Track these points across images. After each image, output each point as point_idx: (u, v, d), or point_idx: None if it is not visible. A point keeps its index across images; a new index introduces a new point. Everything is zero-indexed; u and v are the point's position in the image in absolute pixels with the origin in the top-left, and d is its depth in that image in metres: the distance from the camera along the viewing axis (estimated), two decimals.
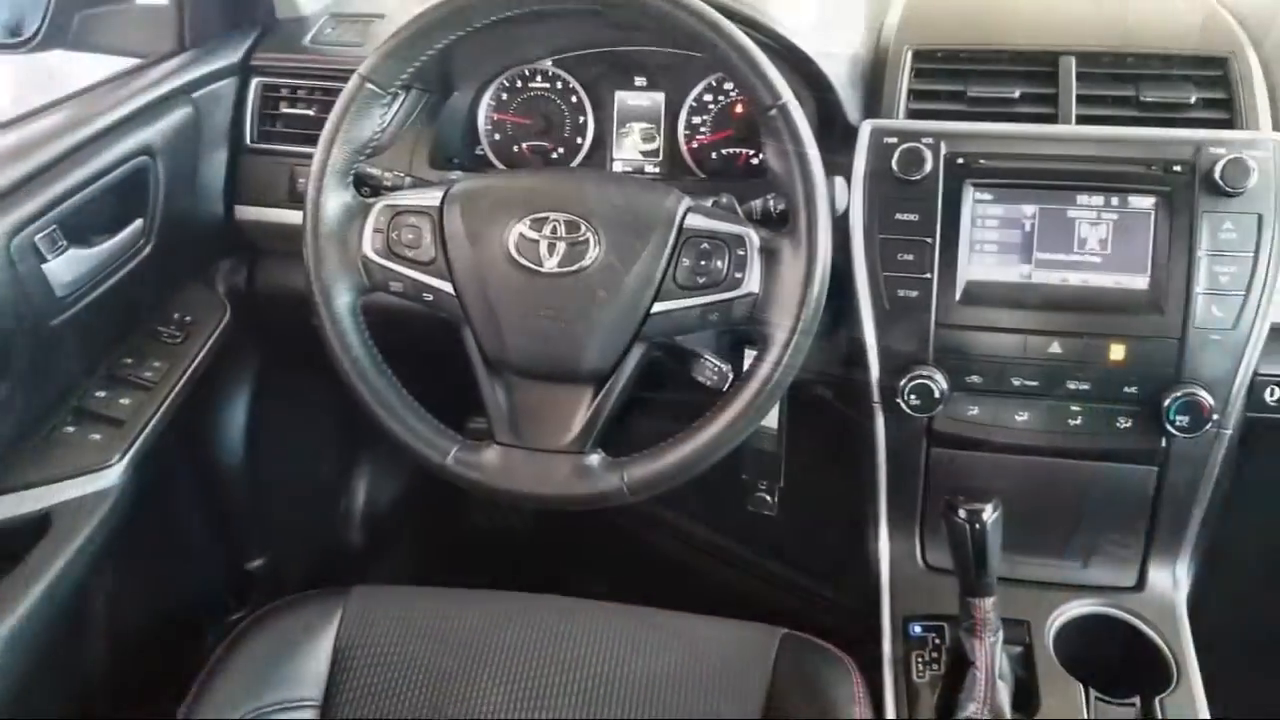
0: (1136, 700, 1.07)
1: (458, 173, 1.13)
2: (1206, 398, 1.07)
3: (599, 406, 1.00)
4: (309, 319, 1.04)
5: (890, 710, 1.08)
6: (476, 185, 1.05)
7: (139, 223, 1.24)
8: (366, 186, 1.10)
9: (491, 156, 1.39)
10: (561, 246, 0.99)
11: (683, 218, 0.99)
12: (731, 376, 1.02)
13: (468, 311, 1.01)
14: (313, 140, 1.04)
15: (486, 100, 1.39)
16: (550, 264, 0.99)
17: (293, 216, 1.24)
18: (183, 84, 1.30)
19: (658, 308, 0.98)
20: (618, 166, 1.36)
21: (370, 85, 1.02)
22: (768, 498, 1.34)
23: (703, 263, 0.98)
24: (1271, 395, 1.16)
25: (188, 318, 1.35)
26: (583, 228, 0.99)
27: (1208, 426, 1.08)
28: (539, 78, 1.37)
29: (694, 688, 1.05)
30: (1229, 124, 1.13)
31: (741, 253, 0.97)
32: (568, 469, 1.00)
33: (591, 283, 0.98)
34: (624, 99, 1.36)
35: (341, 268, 1.03)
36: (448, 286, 1.01)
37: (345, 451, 1.88)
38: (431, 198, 1.03)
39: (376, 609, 1.14)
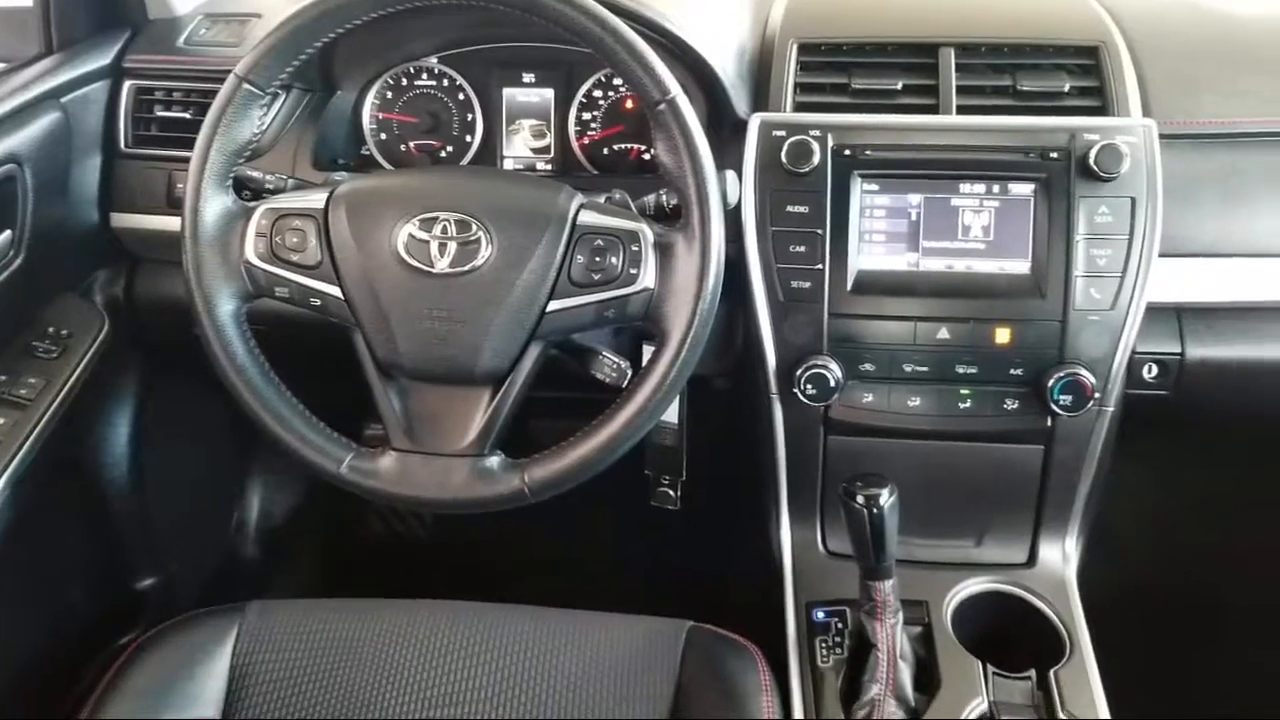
0: (1032, 673, 1.10)
1: (343, 174, 1.10)
2: (1088, 377, 1.11)
3: (497, 408, 0.99)
4: (191, 328, 1.01)
5: (796, 696, 1.09)
6: (362, 185, 1.03)
7: (7, 234, 1.18)
8: (247, 190, 1.07)
9: (378, 156, 1.37)
10: (452, 247, 0.97)
11: (575, 214, 0.99)
12: (630, 373, 1.02)
13: (357, 315, 0.99)
14: (190, 144, 1.00)
15: (371, 99, 1.36)
16: (441, 265, 0.97)
17: (171, 223, 1.20)
18: (50, 88, 1.24)
19: (553, 306, 0.97)
20: (509, 164, 1.35)
21: (248, 85, 0.99)
22: (670, 492, 1.35)
23: (597, 259, 0.97)
24: (1149, 372, 1.21)
25: (64, 331, 1.30)
26: (474, 227, 0.97)
27: (1090, 405, 1.12)
28: (424, 75, 1.35)
29: (603, 685, 1.05)
30: (1101, 111, 1.17)
31: (636, 248, 0.97)
32: (466, 472, 0.98)
33: (484, 283, 0.97)
34: (513, 96, 1.34)
35: (223, 274, 1.00)
36: (335, 290, 0.99)
37: (237, 463, 1.83)
38: (315, 199, 1.01)
39: (275, 624, 1.11)
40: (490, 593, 1.19)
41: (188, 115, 1.30)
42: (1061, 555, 1.24)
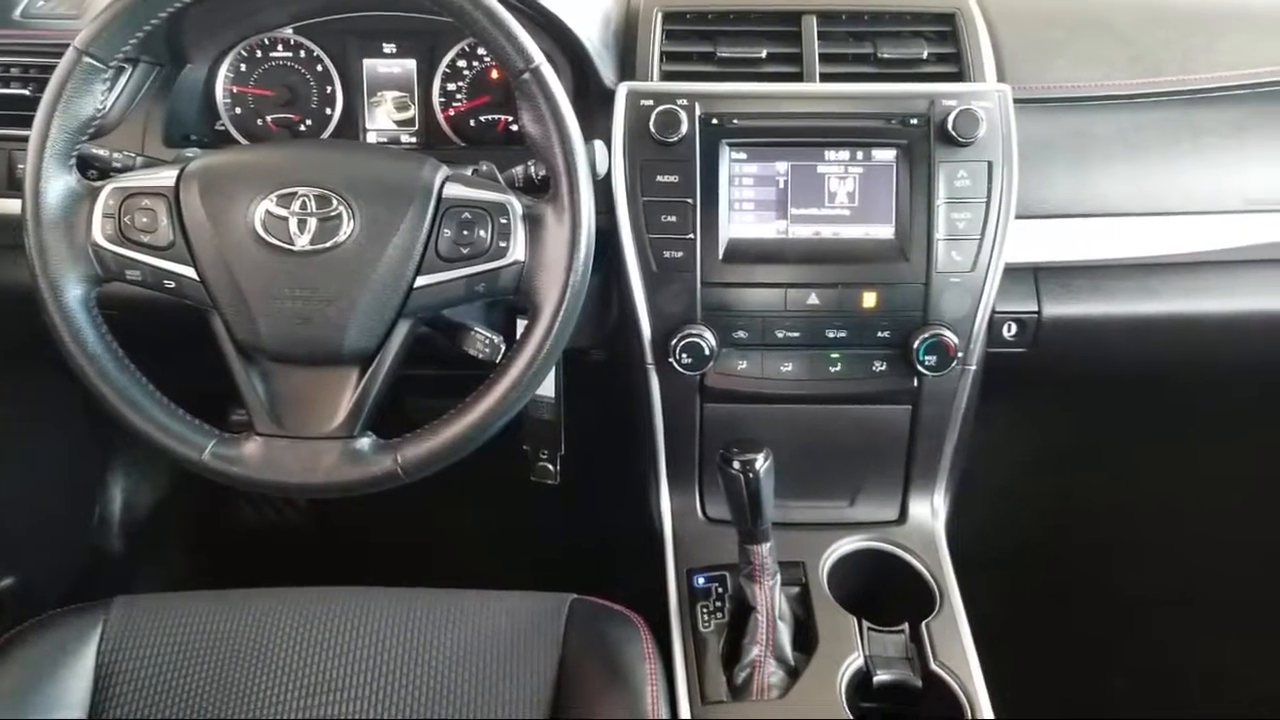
0: (905, 627, 1.14)
1: (195, 150, 1.06)
2: (951, 337, 1.14)
3: (365, 388, 0.97)
4: (39, 316, 0.95)
5: (679, 662, 1.11)
6: (216, 161, 0.98)
7: None
8: (93, 169, 1.02)
9: (233, 131, 1.31)
10: (313, 223, 0.94)
11: (441, 187, 0.97)
12: (504, 347, 1.01)
13: (214, 297, 0.95)
14: (29, 122, 0.95)
15: (224, 72, 1.30)
16: (302, 242, 0.94)
17: (12, 206, 1.13)
18: None
19: (421, 281, 0.95)
20: (371, 138, 1.31)
21: (88, 59, 0.93)
22: (550, 466, 1.34)
23: (465, 233, 0.95)
24: (1009, 331, 1.26)
25: None
26: (334, 202, 0.94)
27: (953, 364, 1.15)
28: (280, 47, 1.30)
29: (485, 663, 1.04)
30: (958, 77, 1.19)
31: (505, 221, 0.96)
32: (336, 455, 0.96)
33: (347, 259, 0.94)
34: (373, 67, 1.30)
35: (70, 258, 0.95)
36: (190, 271, 0.95)
37: (96, 455, 1.75)
38: (166, 177, 0.96)
39: (142, 620, 1.07)
40: (370, 577, 1.16)
41: (26, 92, 1.23)
42: (930, 511, 1.28)
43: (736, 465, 1.03)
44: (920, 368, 1.15)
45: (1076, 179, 1.21)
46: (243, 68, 1.30)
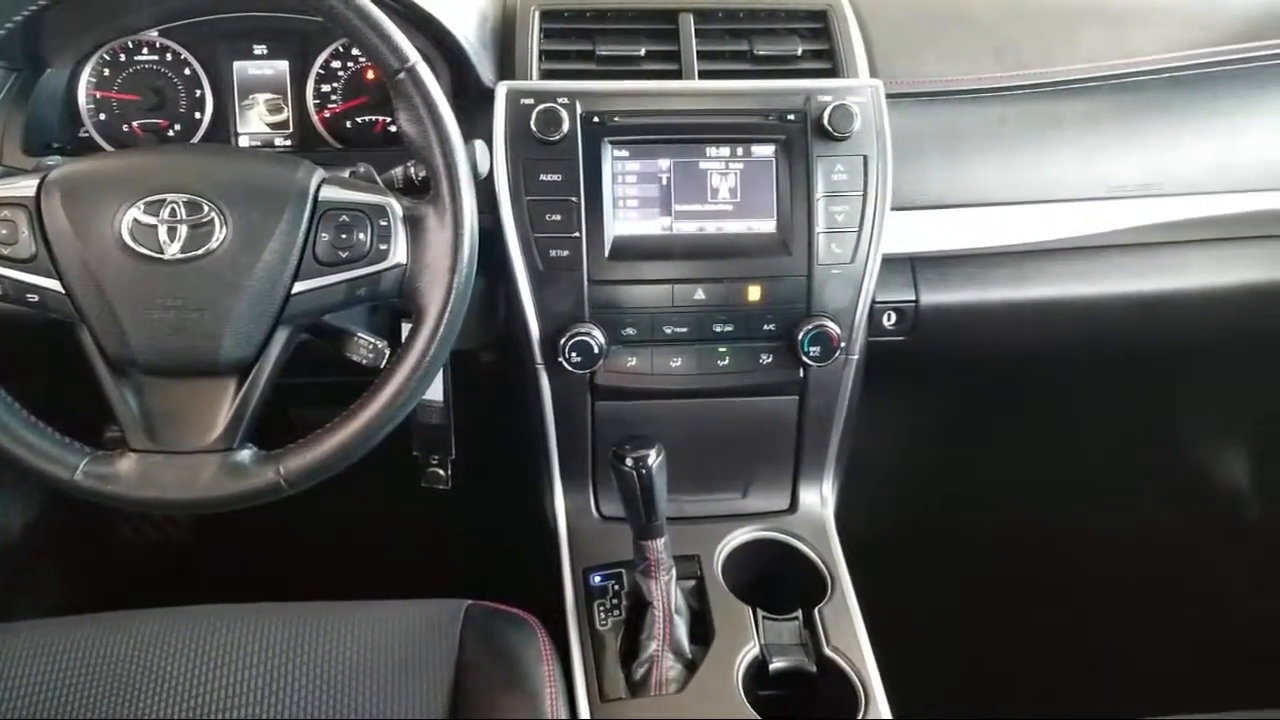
0: (799, 613, 1.16)
1: (57, 158, 1.01)
2: (834, 328, 1.16)
3: (244, 398, 0.94)
4: None
5: (577, 662, 1.10)
6: (79, 169, 0.94)
7: None
8: None
9: (97, 138, 1.26)
10: (183, 230, 0.91)
11: (317, 190, 0.94)
12: (388, 352, 0.99)
13: (81, 310, 0.91)
14: None
15: (86, 76, 1.25)
16: (172, 250, 0.91)
17: None
18: None
19: (299, 287, 0.93)
20: (244, 142, 1.27)
21: None
22: (441, 471, 1.32)
23: (343, 236, 0.93)
24: (889, 320, 1.29)
25: None
26: (206, 208, 0.91)
27: (837, 354, 1.18)
28: (145, 49, 1.25)
29: (380, 674, 1.02)
30: (832, 73, 1.22)
31: (384, 223, 0.94)
32: (215, 469, 0.93)
33: (221, 267, 0.91)
34: (244, 69, 1.27)
35: None
36: (55, 284, 0.91)
37: None
38: (25, 187, 0.92)
39: (15, 648, 1.02)
40: (260, 593, 1.13)
41: None
42: (820, 499, 1.30)
43: (629, 462, 1.03)
44: (805, 358, 1.17)
45: (948, 170, 1.25)
46: (106, 72, 1.25)
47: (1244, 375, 1.77)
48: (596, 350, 1.14)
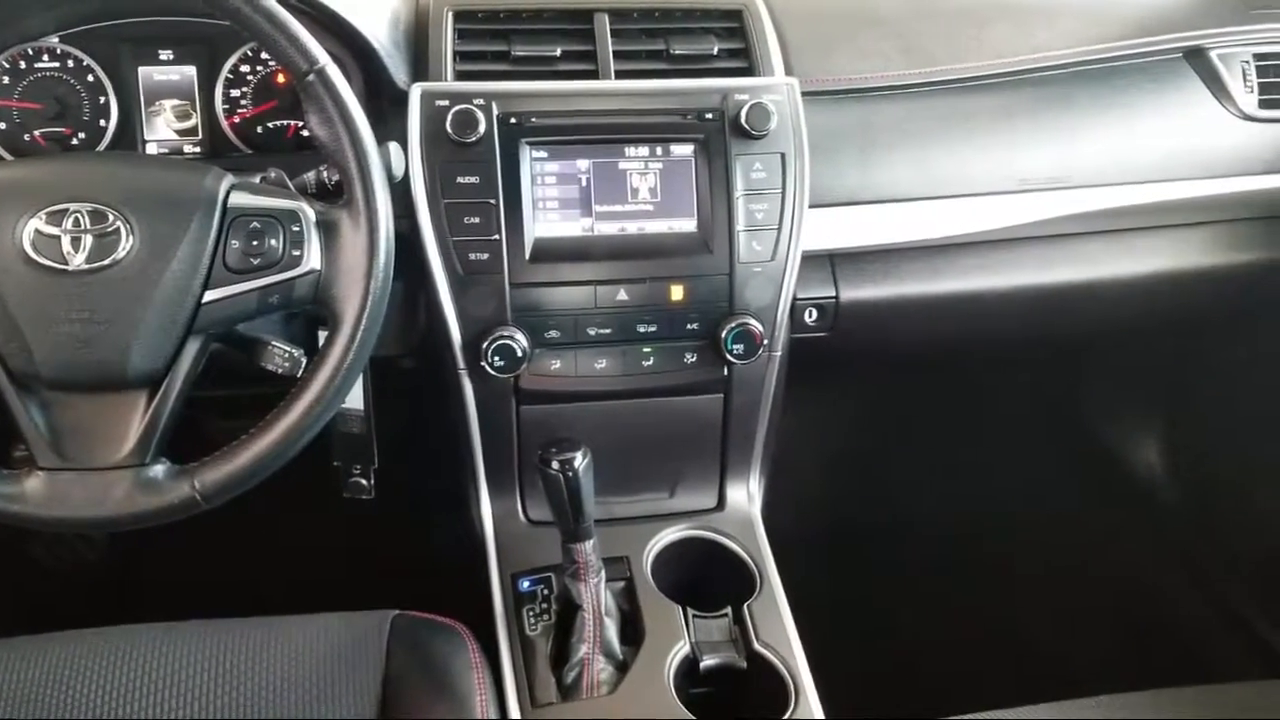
0: (728, 610, 1.16)
1: None
2: (757, 325, 1.17)
3: (156, 412, 0.91)
4: None
5: (507, 668, 1.09)
6: None
7: None
8: None
9: None
10: (88, 240, 0.88)
11: (226, 196, 0.92)
12: (305, 361, 0.97)
13: None
14: None
15: None
16: (77, 261, 0.88)
17: None
18: None
19: (210, 296, 0.90)
20: (151, 149, 1.24)
21: None
22: (363, 481, 1.30)
23: (255, 243, 0.91)
24: (810, 317, 1.30)
25: None
26: (111, 217, 0.89)
27: (760, 352, 1.18)
28: (46, 56, 1.21)
29: (305, 689, 1.00)
30: (749, 72, 1.22)
31: (297, 229, 0.92)
32: (128, 485, 0.90)
33: (128, 277, 0.88)
34: (149, 75, 1.23)
35: None
36: None
37: None
38: None
39: None
40: (180, 611, 1.10)
41: None
42: (747, 496, 1.31)
43: (555, 465, 1.03)
44: (729, 356, 1.18)
45: (863, 167, 1.26)
46: (5, 80, 1.21)
47: (1152, 361, 1.83)
48: (520, 354, 1.13)
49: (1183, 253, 1.41)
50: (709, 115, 1.16)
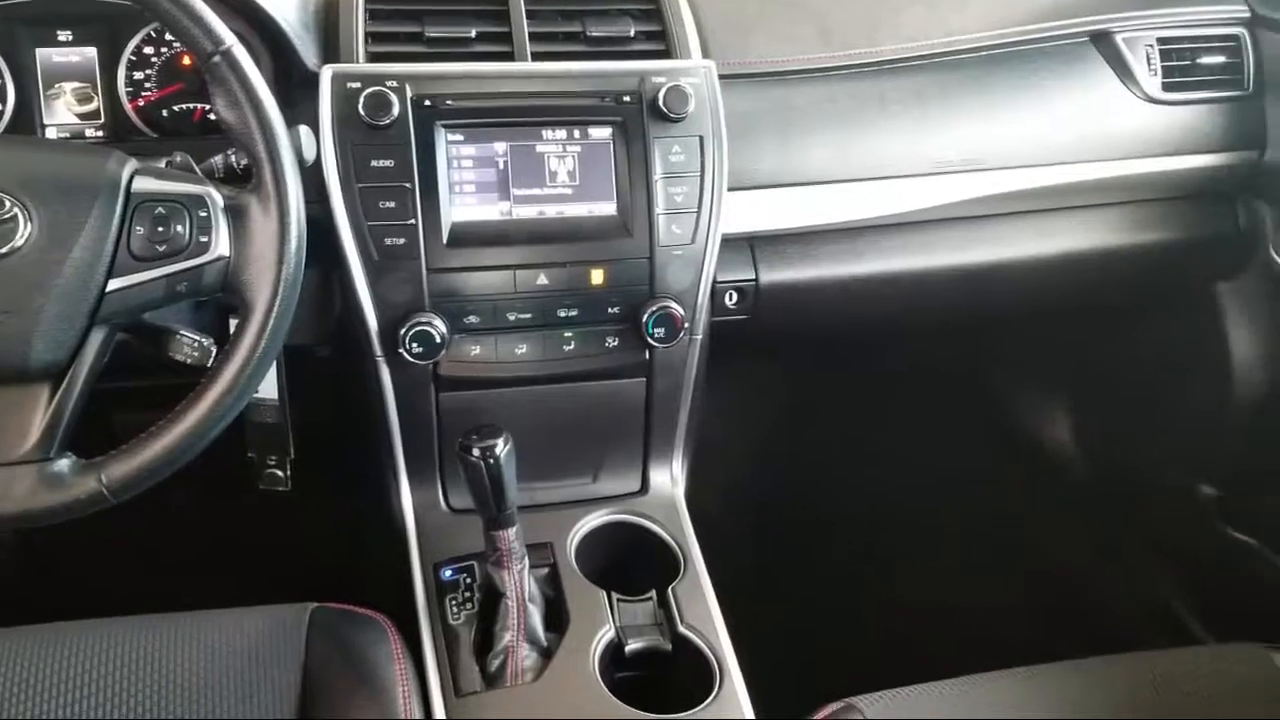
0: (653, 593, 1.16)
1: None
2: (678, 309, 1.17)
3: (60, 405, 0.88)
4: None
5: (430, 658, 1.08)
6: None
7: None
8: None
9: None
10: None
11: (129, 181, 0.89)
12: (215, 350, 0.95)
13: None
14: None
15: None
16: None
17: None
18: None
19: (114, 285, 0.87)
20: (51, 133, 1.19)
21: None
22: (279, 472, 1.27)
23: (160, 229, 0.88)
24: (731, 300, 1.30)
25: None
26: (7, 204, 0.85)
27: (682, 335, 1.18)
28: None
29: (222, 685, 0.98)
30: (666, 54, 1.22)
31: (204, 214, 0.89)
32: (31, 480, 0.87)
33: (27, 266, 0.85)
34: (48, 57, 1.18)
35: None
36: None
37: None
38: None
39: None
40: (92, 610, 1.07)
41: None
42: (670, 479, 1.31)
43: (476, 452, 1.01)
44: (650, 340, 1.17)
45: (782, 150, 1.26)
46: None
47: (1063, 340, 1.87)
48: (438, 340, 1.11)
49: (1091, 233, 1.44)
50: (626, 98, 1.16)
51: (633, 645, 1.11)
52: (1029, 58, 1.37)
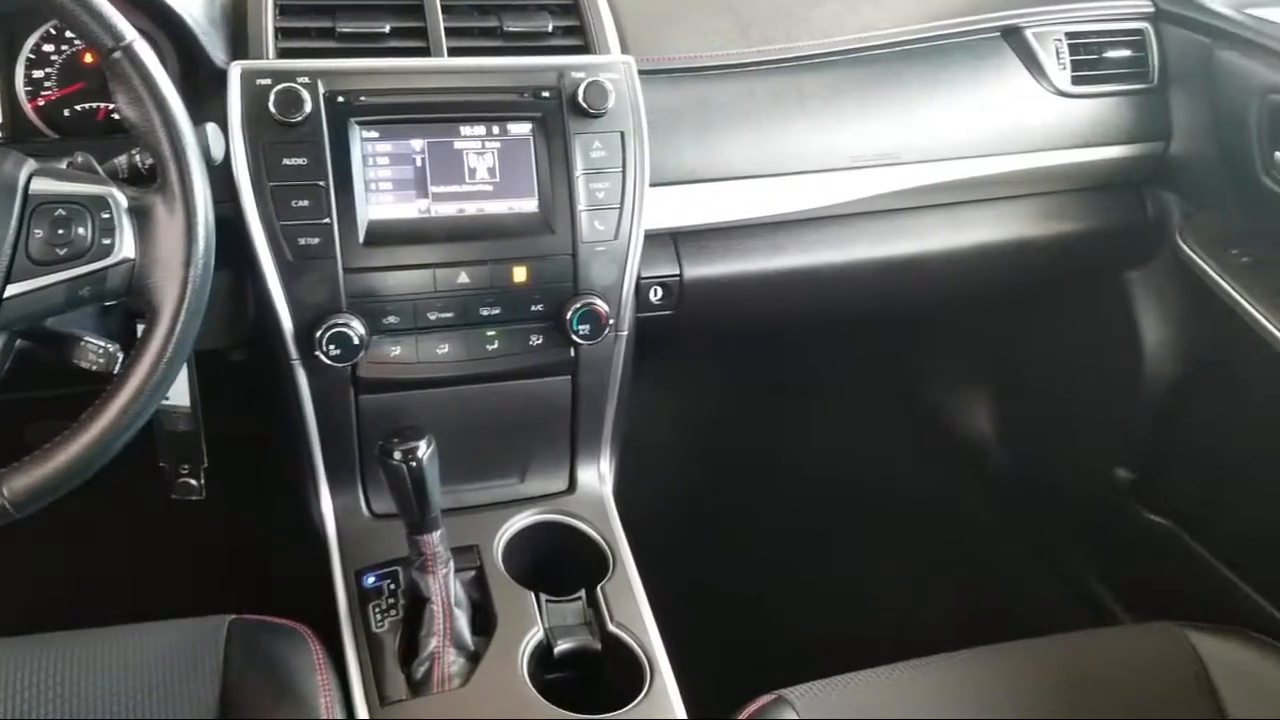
0: (582, 593, 1.15)
1: None
2: (602, 305, 1.16)
3: None
4: None
5: (353, 667, 1.06)
6: None
7: None
8: None
9: None
10: None
11: (27, 183, 0.85)
12: (121, 357, 0.92)
13: None
14: None
15: None
16: None
17: None
18: None
19: (11, 290, 0.84)
20: None
21: None
22: (193, 481, 1.24)
23: (60, 232, 0.85)
24: (655, 295, 1.30)
25: None
26: None
27: (607, 332, 1.17)
28: None
29: (137, 704, 0.95)
30: (584, 50, 1.21)
31: (107, 216, 0.86)
32: None
33: None
34: None
35: None
36: None
37: None
38: None
39: None
40: (0, 627, 1.03)
41: None
42: (598, 477, 1.30)
43: (397, 456, 0.99)
44: (575, 337, 1.16)
45: (703, 145, 1.27)
46: None
47: (981, 330, 1.91)
48: (357, 341, 1.09)
49: (1005, 224, 1.46)
50: (546, 94, 1.15)
51: (562, 646, 1.10)
52: (943, 52, 1.39)
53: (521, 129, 1.15)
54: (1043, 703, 1.08)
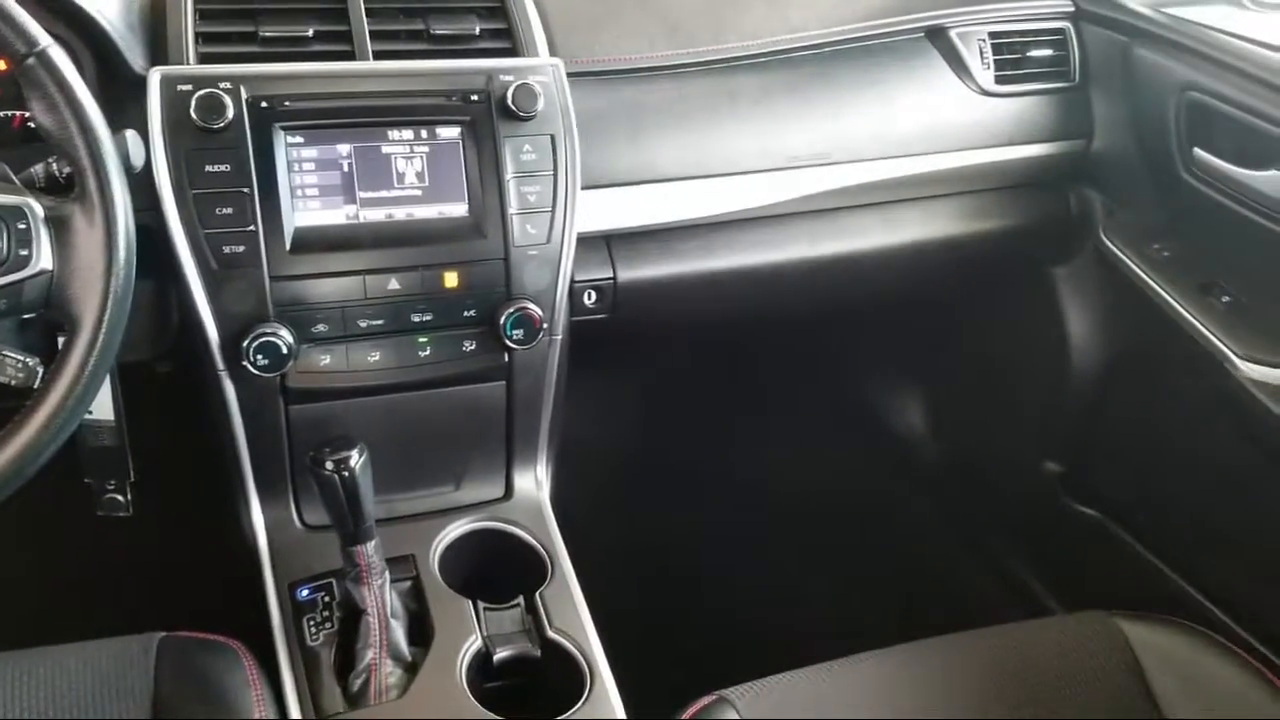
0: (520, 600, 1.14)
1: None
2: (536, 310, 1.15)
3: None
4: None
5: (288, 682, 1.04)
6: None
7: None
8: None
9: None
10: None
11: None
12: (42, 370, 0.89)
13: None
14: None
15: None
16: None
17: None
18: None
19: None
20: None
21: None
22: (119, 497, 1.21)
23: None
24: (590, 299, 1.30)
25: None
26: None
27: (541, 336, 1.17)
28: None
29: None
30: (512, 52, 1.20)
31: (23, 226, 0.84)
32: None
33: None
34: None
35: None
36: None
37: None
38: None
39: None
40: None
41: None
42: (535, 483, 1.29)
43: (329, 466, 0.98)
44: (509, 342, 1.16)
45: (634, 148, 1.27)
46: None
47: (912, 327, 1.93)
48: (285, 350, 1.07)
49: (935, 222, 1.48)
50: (475, 97, 1.14)
51: (501, 654, 1.09)
52: (871, 53, 1.40)
53: (450, 133, 1.14)
54: (978, 693, 1.10)
